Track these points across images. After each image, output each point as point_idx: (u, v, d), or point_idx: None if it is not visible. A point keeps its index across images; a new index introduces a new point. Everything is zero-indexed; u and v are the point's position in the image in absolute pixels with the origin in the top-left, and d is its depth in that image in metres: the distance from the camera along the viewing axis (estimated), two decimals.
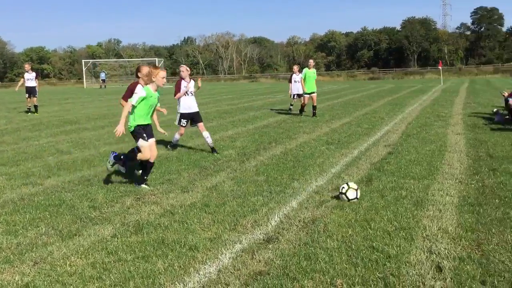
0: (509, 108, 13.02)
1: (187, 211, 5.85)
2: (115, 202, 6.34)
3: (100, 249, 4.70)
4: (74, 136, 12.85)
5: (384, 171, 7.65)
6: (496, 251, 4.35)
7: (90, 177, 7.81)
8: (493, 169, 7.54)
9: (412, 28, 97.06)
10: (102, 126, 15.19)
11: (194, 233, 5.06)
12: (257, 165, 8.42)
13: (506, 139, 10.40)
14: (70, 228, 5.35)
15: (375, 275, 3.95)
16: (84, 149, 10.65)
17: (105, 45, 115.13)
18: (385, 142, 10.50)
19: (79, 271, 4.20)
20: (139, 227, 5.30)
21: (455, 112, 16.45)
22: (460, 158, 8.49)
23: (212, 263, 4.28)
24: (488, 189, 6.45)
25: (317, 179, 7.27)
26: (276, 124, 14.69)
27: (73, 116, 19.08)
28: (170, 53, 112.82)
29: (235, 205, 6.02)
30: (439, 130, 12.08)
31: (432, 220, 5.26)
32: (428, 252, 4.39)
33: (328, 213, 5.58)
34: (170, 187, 7.02)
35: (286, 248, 4.57)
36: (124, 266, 4.28)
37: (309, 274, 4.00)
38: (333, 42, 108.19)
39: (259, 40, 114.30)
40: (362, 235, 4.86)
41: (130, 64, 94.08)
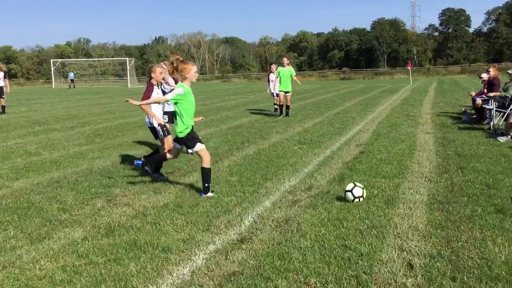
0: (476, 107, 13.33)
1: (159, 212, 5.79)
2: (85, 204, 6.23)
3: (70, 252, 4.61)
4: (42, 137, 12.59)
5: (356, 170, 7.73)
6: (465, 248, 4.45)
7: (59, 179, 7.66)
8: (461, 168, 7.71)
9: (381, 29, 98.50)
10: (71, 127, 14.93)
11: (167, 235, 5.02)
12: (230, 165, 8.41)
13: (474, 138, 10.65)
14: (39, 231, 5.23)
15: (348, 273, 3.99)
16: (53, 151, 10.44)
17: (74, 44, 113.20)
18: (356, 141, 10.62)
19: (49, 274, 4.12)
20: (111, 229, 5.23)
21: (424, 112, 16.76)
22: (429, 157, 8.65)
23: (186, 265, 4.25)
24: (456, 187, 6.59)
25: (290, 179, 7.30)
26: (249, 124, 14.70)
27: (42, 116, 18.70)
28: (141, 52, 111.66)
29: (208, 206, 5.99)
30: (409, 130, 12.28)
31: (403, 218, 5.34)
32: (399, 249, 4.45)
33: (301, 213, 5.61)
34: (142, 188, 6.94)
35: (259, 248, 4.57)
36: (96, 269, 4.21)
37: (283, 274, 4.01)
38: (304, 43, 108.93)
39: (231, 40, 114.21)
40: (335, 234, 4.90)
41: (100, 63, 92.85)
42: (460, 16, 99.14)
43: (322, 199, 6.15)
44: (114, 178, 7.60)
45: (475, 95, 13.90)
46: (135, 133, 12.94)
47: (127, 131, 13.43)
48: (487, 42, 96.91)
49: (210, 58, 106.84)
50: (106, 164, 8.76)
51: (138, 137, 12.24)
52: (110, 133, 13.19)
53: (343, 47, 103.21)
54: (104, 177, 7.67)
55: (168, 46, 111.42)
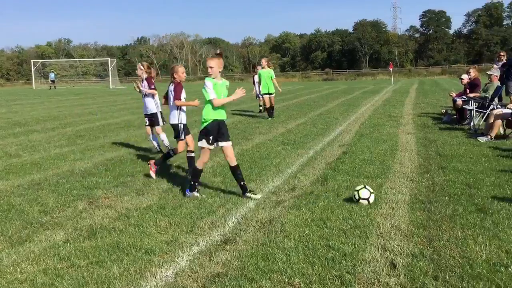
0: (457, 108, 13.50)
1: (142, 214, 5.75)
2: (67, 206, 6.16)
3: (52, 255, 4.55)
4: (23, 139, 12.42)
5: (339, 171, 7.77)
6: (447, 247, 4.50)
7: (40, 181, 7.56)
8: (443, 167, 7.80)
9: (363, 31, 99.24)
10: (52, 128, 14.75)
11: (150, 237, 4.99)
12: (213, 166, 8.39)
13: (454, 138, 10.78)
14: (20, 234, 5.16)
15: (331, 273, 4.01)
16: (34, 152, 10.31)
17: (55, 44, 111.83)
18: (339, 142, 10.68)
19: (31, 278, 4.06)
20: (93, 231, 5.17)
21: (406, 112, 16.92)
22: (411, 157, 8.74)
23: (169, 267, 4.22)
24: (438, 186, 6.66)
25: (273, 180, 7.31)
26: (232, 125, 14.67)
27: (22, 118, 18.44)
28: (123, 53, 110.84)
29: (192, 207, 5.97)
30: (391, 130, 12.39)
31: (385, 218, 5.38)
32: (382, 249, 4.49)
33: (285, 213, 5.62)
34: (124, 190, 6.89)
35: (243, 249, 4.56)
36: (78, 272, 4.16)
37: (267, 275, 4.01)
38: (287, 44, 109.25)
39: (214, 40, 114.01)
40: (318, 234, 4.92)
41: (81, 64, 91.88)
42: (440, 18, 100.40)
43: (306, 199, 6.17)
44: (96, 180, 7.53)
45: (455, 96, 14.08)
46: (117, 134, 12.83)
47: (109, 132, 13.32)
48: (467, 43, 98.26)
49: (193, 58, 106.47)
50: (87, 166, 8.67)
51: (120, 138, 12.14)
52: (92, 134, 13.06)
53: (326, 48, 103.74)
54: (85, 179, 7.59)
55: (151, 47, 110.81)
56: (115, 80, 64.35)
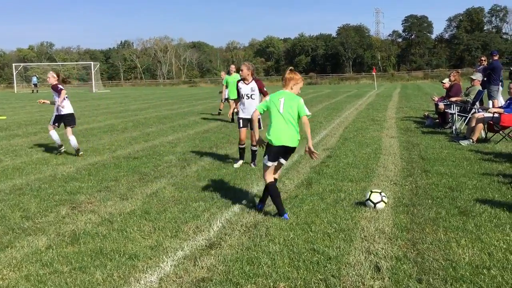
0: (439, 112, 13.66)
1: (126, 219, 5.70)
2: (49, 211, 6.08)
3: (34, 261, 4.49)
4: (4, 143, 12.25)
5: (323, 174, 7.80)
6: (430, 249, 4.54)
7: (22, 186, 7.45)
8: (425, 171, 7.88)
9: (347, 35, 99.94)
10: (34, 132, 14.57)
11: (134, 242, 4.94)
12: (198, 171, 8.36)
13: (437, 141, 10.90)
14: (1, 239, 5.07)
15: (316, 277, 4.01)
16: (16, 157, 10.16)
17: (37, 48, 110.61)
18: (324, 145, 10.72)
19: (12, 284, 4.00)
20: (76, 237, 5.11)
21: (389, 116, 17.07)
22: (394, 161, 8.81)
23: (154, 272, 4.19)
24: (421, 190, 6.73)
25: (258, 183, 7.31)
26: (216, 129, 14.66)
27: (3, 122, 18.18)
28: (107, 57, 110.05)
29: (177, 212, 5.93)
30: (374, 134, 12.48)
31: (369, 221, 5.41)
32: (367, 252, 4.51)
33: (269, 217, 5.62)
34: (108, 195, 6.82)
35: (228, 254, 4.55)
36: (60, 278, 4.11)
37: (252, 279, 4.00)
38: (271, 48, 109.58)
39: (198, 44, 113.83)
40: (303, 238, 4.93)
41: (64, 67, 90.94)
42: (422, 23, 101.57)
43: (290, 203, 6.18)
44: (79, 185, 7.45)
45: (437, 100, 14.24)
46: (101, 139, 12.72)
47: (92, 137, 13.20)
48: (448, 48, 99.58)
49: (177, 62, 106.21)
50: (70, 171, 8.57)
51: (103, 142, 12.04)
52: None
53: (310, 52, 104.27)
54: (68, 184, 7.50)
55: (134, 51, 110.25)
56: (98, 84, 63.82)
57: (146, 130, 14.53)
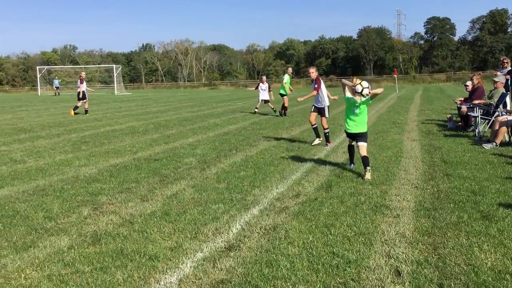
0: (462, 115, 13.47)
1: (146, 220, 5.75)
2: (71, 212, 6.17)
3: (56, 261, 4.56)
4: (28, 145, 12.47)
5: (343, 177, 7.76)
6: (452, 254, 4.48)
7: (45, 187, 7.58)
8: (447, 174, 7.78)
9: (368, 37, 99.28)
10: (57, 134, 14.80)
11: (154, 243, 4.99)
12: (217, 173, 8.39)
13: (459, 145, 10.76)
14: (24, 239, 5.17)
15: (336, 280, 3.99)
16: (39, 158, 10.34)
17: (60, 51, 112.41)
18: (343, 148, 10.65)
19: (35, 284, 4.06)
20: (97, 237, 5.18)
21: (410, 119, 16.89)
22: (415, 164, 8.72)
23: (173, 273, 4.22)
24: (443, 193, 6.64)
25: (277, 186, 7.31)
26: (236, 131, 14.69)
27: (27, 124, 18.52)
28: (128, 59, 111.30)
29: (196, 213, 5.97)
30: (395, 137, 12.37)
31: (390, 225, 5.36)
32: (387, 256, 4.47)
33: (289, 220, 5.61)
34: (129, 196, 6.90)
35: (247, 256, 4.55)
36: (82, 278, 4.16)
37: (271, 281, 4.00)
38: (292, 50, 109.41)
39: (219, 47, 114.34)
40: (322, 241, 4.91)
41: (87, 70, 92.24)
42: (445, 25, 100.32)
43: (310, 206, 6.16)
44: (101, 186, 7.55)
45: (460, 103, 14.05)
46: (122, 141, 12.87)
47: (114, 139, 13.35)
48: (471, 50, 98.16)
49: (198, 65, 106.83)
50: (92, 172, 8.69)
51: (125, 144, 12.17)
52: (97, 140, 13.10)
53: (330, 54, 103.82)
54: (90, 185, 7.60)
55: (156, 54, 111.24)
56: (120, 86, 64.61)
57: (167, 132, 14.64)
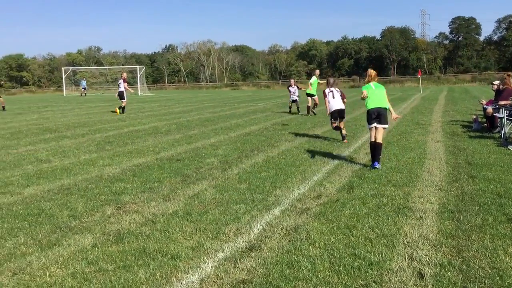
0: (487, 116, 13.24)
1: (168, 219, 5.80)
2: (95, 211, 6.26)
3: (80, 259, 4.63)
4: (53, 145, 12.69)
5: (365, 179, 7.70)
6: (476, 257, 4.41)
7: (69, 186, 7.71)
8: (472, 176, 7.65)
9: (391, 37, 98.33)
10: (82, 134, 15.03)
11: (176, 242, 5.03)
12: (239, 173, 8.41)
13: (485, 146, 10.57)
14: (49, 237, 5.26)
15: (357, 282, 3.97)
16: (64, 158, 10.52)
17: (85, 52, 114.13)
18: (366, 149, 10.56)
19: (59, 281, 4.14)
20: (120, 236, 5.24)
21: (434, 120, 16.67)
22: (439, 166, 8.60)
23: (194, 272, 4.25)
24: (467, 196, 6.54)
25: (299, 187, 7.29)
26: (258, 131, 14.71)
27: (53, 124, 18.86)
28: (152, 60, 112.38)
29: (218, 213, 5.99)
30: (419, 138, 12.23)
31: (413, 227, 5.30)
32: (410, 259, 4.42)
33: (310, 221, 5.59)
34: (151, 196, 6.97)
35: (268, 256, 4.56)
36: (105, 276, 4.22)
37: (292, 282, 3.99)
38: (314, 51, 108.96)
39: (241, 48, 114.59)
40: (344, 242, 4.88)
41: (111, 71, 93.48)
42: (470, 25, 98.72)
43: (332, 207, 6.13)
44: (124, 185, 7.64)
45: (486, 104, 13.81)
46: (145, 141, 13.00)
47: (137, 139, 13.50)
48: (497, 50, 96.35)
49: (220, 66, 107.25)
50: (116, 172, 8.80)
51: (148, 144, 12.29)
52: (121, 140, 13.26)
53: (353, 55, 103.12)
54: (114, 184, 7.70)
55: (178, 54, 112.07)
56: (143, 87, 65.26)
57: (189, 133, 14.74)
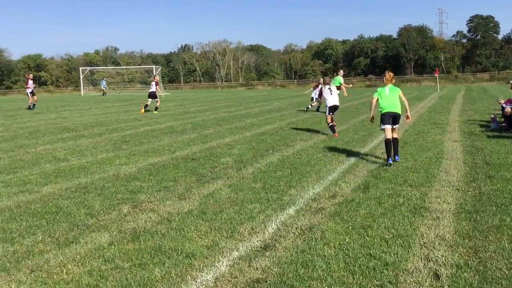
0: (506, 115, 13.06)
1: (184, 218, 5.84)
2: (112, 209, 6.32)
3: (97, 256, 4.68)
4: (71, 144, 12.83)
5: (381, 178, 7.65)
6: (493, 258, 4.36)
7: (87, 185, 7.79)
8: (490, 176, 7.56)
9: (408, 36, 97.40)
10: (99, 133, 15.18)
11: (191, 241, 5.05)
12: (254, 172, 8.42)
13: (503, 146, 10.44)
14: (67, 235, 5.33)
15: (372, 282, 3.95)
16: (81, 157, 10.63)
17: (102, 52, 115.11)
18: (382, 149, 10.49)
19: (76, 279, 4.19)
20: (136, 234, 5.29)
21: (452, 120, 16.50)
22: (457, 166, 8.51)
23: (209, 271, 4.27)
24: (485, 196, 6.46)
25: (314, 187, 7.27)
26: (273, 131, 14.70)
27: (71, 123, 19.07)
28: (168, 60, 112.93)
29: (232, 213, 6.01)
30: (436, 138, 12.11)
31: (429, 227, 5.26)
32: (426, 259, 4.39)
33: (325, 221, 5.58)
34: (167, 195, 7.01)
35: (283, 256, 4.56)
36: (121, 274, 4.26)
37: (307, 282, 3.99)
38: (329, 50, 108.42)
39: (256, 47, 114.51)
40: (359, 242, 4.86)
41: (127, 71, 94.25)
42: (488, 23, 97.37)
43: (347, 207, 6.11)
44: (140, 184, 7.70)
45: (504, 103, 13.63)
46: (161, 140, 13.08)
47: (153, 138, 13.59)
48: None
49: (235, 65, 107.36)
50: (132, 170, 8.87)
51: (164, 144, 12.37)
52: (137, 140, 13.36)
53: (369, 54, 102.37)
54: (130, 183, 7.77)
55: (194, 54, 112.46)
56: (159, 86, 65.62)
57: (204, 132, 14.80)
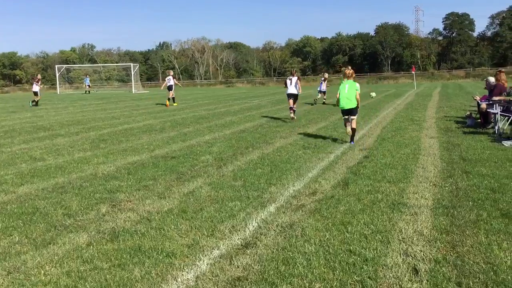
0: (481, 111, 13.29)
1: (164, 217, 5.80)
2: (90, 209, 6.24)
3: (75, 257, 4.62)
4: (47, 143, 12.64)
5: (360, 175, 7.72)
6: (470, 252, 4.43)
7: (64, 184, 7.68)
8: (466, 172, 7.69)
9: (385, 34, 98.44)
10: (76, 132, 14.98)
11: (171, 240, 5.02)
12: (234, 170, 8.41)
13: (478, 142, 10.62)
14: (44, 236, 5.24)
15: (352, 278, 3.98)
16: (58, 156, 10.48)
17: (79, 50, 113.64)
18: (360, 146, 10.60)
19: (54, 280, 4.12)
20: (115, 234, 5.23)
21: (429, 116, 16.73)
22: (434, 161, 8.63)
23: (190, 270, 4.25)
24: (461, 191, 6.57)
25: (294, 184, 7.30)
26: (253, 129, 14.70)
27: (46, 122, 18.78)
28: (146, 58, 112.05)
29: (213, 211, 5.99)
30: (413, 134, 12.26)
31: (407, 223, 5.32)
32: (404, 254, 4.44)
33: (305, 218, 5.60)
34: (146, 194, 6.95)
35: (264, 253, 4.56)
36: (100, 274, 4.21)
37: (287, 279, 4.00)
38: (308, 47, 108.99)
39: (235, 45, 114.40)
40: (339, 238, 4.89)
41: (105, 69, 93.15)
42: (464, 21, 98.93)
43: (327, 204, 6.14)
44: (119, 183, 7.62)
45: (479, 99, 13.86)
46: (140, 138, 12.97)
47: (131, 137, 13.47)
48: (491, 46, 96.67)
49: (214, 63, 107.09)
50: (110, 169, 8.78)
51: (142, 142, 12.27)
52: (115, 138, 13.22)
53: (347, 51, 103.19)
54: (108, 182, 7.68)
55: (172, 52, 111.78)
56: (137, 85, 65.01)
57: (183, 130, 14.72)
